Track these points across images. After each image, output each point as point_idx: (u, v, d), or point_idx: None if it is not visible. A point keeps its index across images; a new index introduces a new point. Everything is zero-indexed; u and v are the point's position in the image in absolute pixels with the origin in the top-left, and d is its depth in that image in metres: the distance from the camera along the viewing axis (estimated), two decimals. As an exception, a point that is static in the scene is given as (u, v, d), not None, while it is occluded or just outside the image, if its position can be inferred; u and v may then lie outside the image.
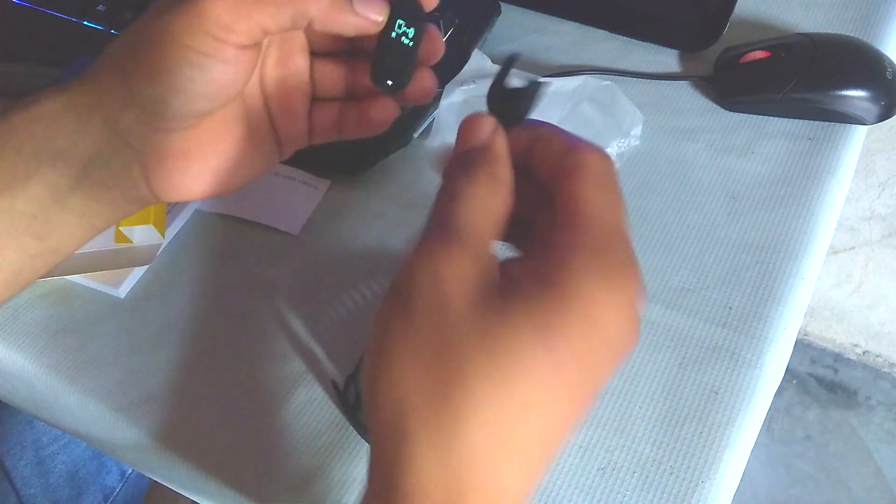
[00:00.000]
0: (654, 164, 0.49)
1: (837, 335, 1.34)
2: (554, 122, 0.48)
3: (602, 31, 0.56)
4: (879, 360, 1.33)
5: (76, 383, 0.41)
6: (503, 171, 0.27)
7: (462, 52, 0.52)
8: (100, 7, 0.55)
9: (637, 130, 0.49)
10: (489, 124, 0.28)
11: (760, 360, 0.40)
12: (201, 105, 0.30)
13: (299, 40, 0.34)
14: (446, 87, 0.49)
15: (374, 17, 0.30)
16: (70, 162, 0.30)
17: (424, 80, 0.32)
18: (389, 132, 0.48)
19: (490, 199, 0.26)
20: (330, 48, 0.34)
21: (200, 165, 0.32)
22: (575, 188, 0.26)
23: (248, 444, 0.38)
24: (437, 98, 0.49)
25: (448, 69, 0.50)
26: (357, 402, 0.39)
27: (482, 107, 0.52)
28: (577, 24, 0.57)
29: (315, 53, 0.34)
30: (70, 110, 0.30)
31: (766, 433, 1.26)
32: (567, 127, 0.48)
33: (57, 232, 0.31)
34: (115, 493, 0.67)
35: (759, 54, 0.51)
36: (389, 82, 0.31)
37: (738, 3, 0.54)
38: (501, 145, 0.28)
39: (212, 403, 0.40)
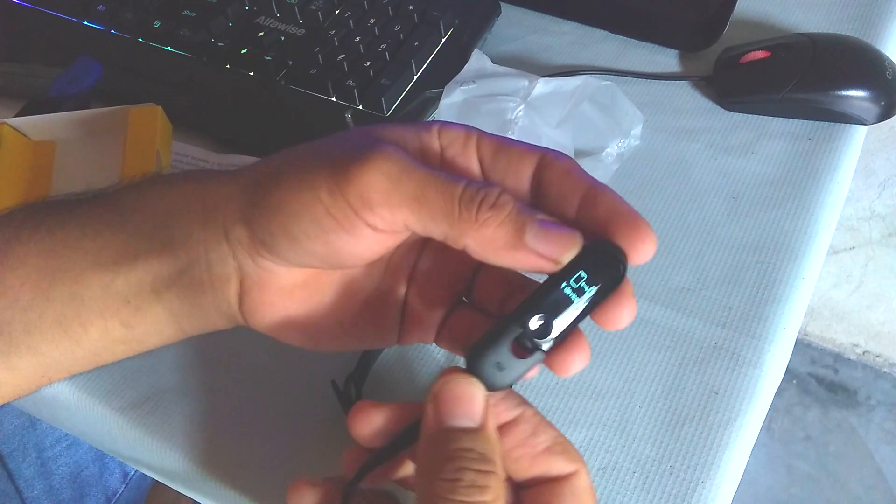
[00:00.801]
0: (654, 164, 0.49)
1: (837, 335, 1.34)
2: (554, 122, 0.49)
3: (602, 31, 0.56)
4: (879, 360, 1.33)
5: (76, 384, 0.41)
6: (500, 469, 0.24)
7: (462, 52, 0.52)
8: (100, 7, 0.55)
9: (637, 130, 0.49)
10: (480, 397, 0.25)
11: (760, 360, 0.40)
12: (308, 260, 0.26)
13: None
14: (446, 87, 0.49)
15: (552, 257, 0.24)
16: (178, 254, 0.27)
17: (575, 350, 0.25)
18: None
19: None
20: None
21: (299, 310, 0.29)
22: None
23: (249, 443, 0.38)
24: (437, 98, 0.49)
25: (448, 69, 0.51)
26: (357, 401, 0.38)
27: (482, 106, 0.52)
28: (577, 24, 0.57)
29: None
30: (197, 201, 0.28)
31: (766, 433, 1.26)
32: (567, 127, 0.49)
33: (144, 323, 0.28)
34: (117, 495, 0.67)
35: (759, 54, 0.51)
36: (536, 344, 0.24)
37: (738, 3, 0.54)
38: (494, 427, 0.25)
39: (211, 403, 0.40)
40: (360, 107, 0.49)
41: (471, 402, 0.25)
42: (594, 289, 0.24)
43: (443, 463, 0.24)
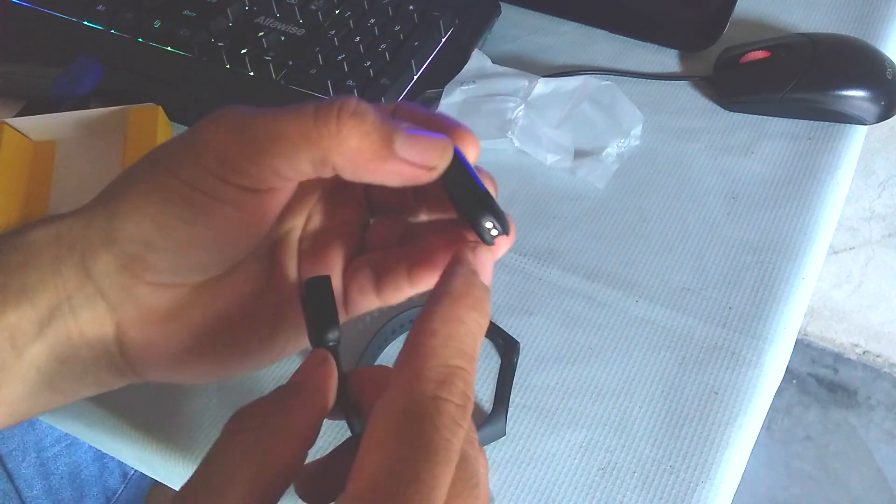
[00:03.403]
0: (654, 164, 0.49)
1: (837, 335, 1.34)
2: (554, 122, 0.49)
3: (602, 31, 0.56)
4: (879, 360, 1.33)
5: (77, 383, 0.41)
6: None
7: (462, 52, 0.52)
8: (100, 7, 0.55)
9: (637, 130, 0.49)
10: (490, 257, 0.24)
11: (760, 360, 0.40)
12: (195, 256, 0.24)
13: (356, 190, 0.27)
14: (446, 87, 0.49)
15: (427, 164, 0.23)
16: (35, 303, 0.24)
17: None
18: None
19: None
20: (391, 202, 0.28)
21: (192, 336, 0.25)
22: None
23: (249, 444, 0.38)
24: (437, 98, 0.49)
25: (448, 69, 0.51)
26: (356, 401, 0.38)
27: (482, 106, 0.52)
28: (577, 24, 0.57)
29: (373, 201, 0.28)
30: (53, 243, 0.24)
31: (766, 433, 1.26)
32: (567, 127, 0.49)
33: (10, 384, 0.24)
34: (117, 495, 0.67)
35: (759, 54, 0.51)
36: (501, 229, 0.24)
37: (738, 3, 0.54)
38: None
39: (212, 403, 0.40)
40: (360, 107, 0.49)
41: (487, 267, 0.24)
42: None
43: (445, 375, 0.21)
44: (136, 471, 0.68)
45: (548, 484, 0.36)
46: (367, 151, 0.22)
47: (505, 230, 0.24)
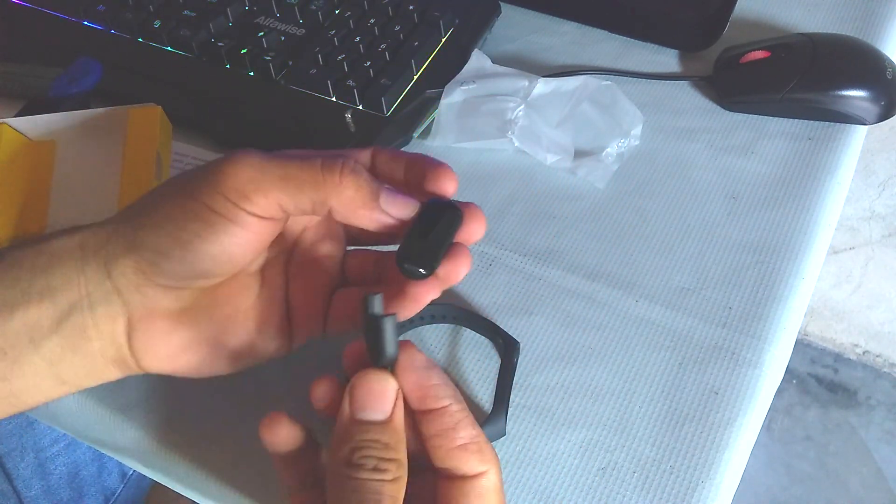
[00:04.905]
0: (654, 164, 0.49)
1: (837, 335, 1.34)
2: (554, 122, 0.49)
3: (602, 31, 0.56)
4: (879, 360, 1.33)
5: (76, 383, 0.41)
6: (403, 456, 0.27)
7: (462, 52, 0.52)
8: (100, 7, 0.55)
9: (637, 130, 0.49)
10: (391, 393, 0.27)
11: (760, 360, 0.40)
12: (203, 265, 0.28)
13: (335, 226, 0.33)
14: (446, 87, 0.49)
15: (399, 216, 0.29)
16: (57, 300, 0.28)
17: (458, 259, 0.30)
18: (389, 132, 0.48)
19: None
20: (365, 237, 0.33)
21: (189, 334, 0.30)
22: None
23: (249, 443, 0.38)
24: (437, 98, 0.49)
25: (448, 69, 0.51)
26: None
27: (482, 106, 0.52)
28: (577, 24, 0.57)
29: (352, 240, 0.34)
30: (77, 249, 0.29)
31: (766, 433, 1.26)
32: (567, 127, 0.49)
33: (22, 376, 0.28)
34: (116, 495, 0.67)
35: (759, 54, 0.51)
36: (419, 269, 0.29)
37: (738, 3, 0.54)
38: (401, 420, 0.28)
39: (212, 403, 0.40)
40: (360, 107, 0.49)
41: (382, 397, 0.27)
42: (447, 217, 0.30)
43: (352, 450, 0.26)
44: (135, 471, 0.68)
45: (548, 484, 0.36)
46: (359, 201, 0.28)
47: (427, 271, 0.29)
